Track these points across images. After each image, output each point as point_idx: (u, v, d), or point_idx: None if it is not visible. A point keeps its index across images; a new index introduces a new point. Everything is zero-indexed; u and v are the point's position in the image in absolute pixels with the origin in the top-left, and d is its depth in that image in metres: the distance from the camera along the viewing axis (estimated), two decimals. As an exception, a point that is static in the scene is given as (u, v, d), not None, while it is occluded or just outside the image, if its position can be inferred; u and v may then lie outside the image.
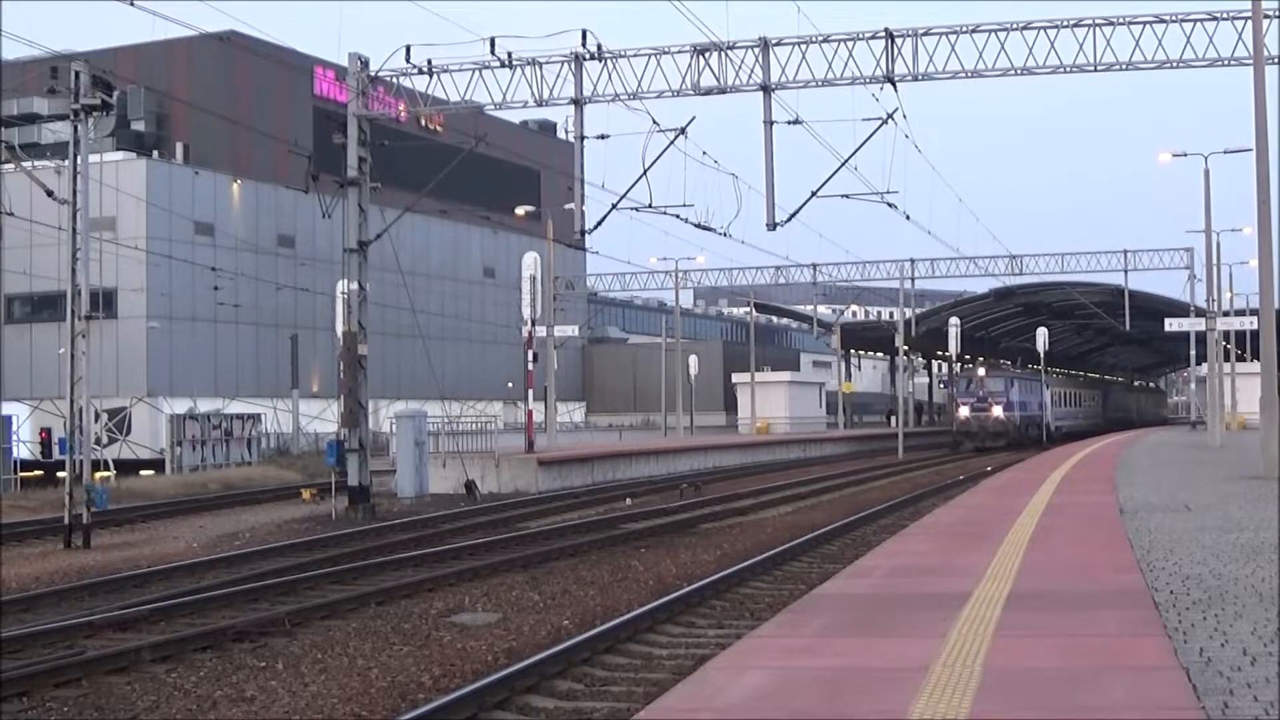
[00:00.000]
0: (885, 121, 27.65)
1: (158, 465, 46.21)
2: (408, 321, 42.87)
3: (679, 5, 24.61)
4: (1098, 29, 26.48)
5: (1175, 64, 26.38)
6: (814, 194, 28.81)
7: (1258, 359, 29.38)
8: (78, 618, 13.69)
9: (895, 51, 26.87)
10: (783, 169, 27.75)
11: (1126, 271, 67.84)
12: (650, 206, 28.60)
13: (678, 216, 29.32)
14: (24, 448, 44.63)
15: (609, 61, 27.39)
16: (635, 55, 27.65)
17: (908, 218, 34.73)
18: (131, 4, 22.07)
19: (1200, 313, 52.97)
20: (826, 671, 7.42)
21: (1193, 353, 61.02)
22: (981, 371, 63.53)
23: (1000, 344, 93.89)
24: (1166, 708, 6.29)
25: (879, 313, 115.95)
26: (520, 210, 57.95)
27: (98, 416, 42.91)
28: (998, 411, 59.84)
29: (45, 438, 47.64)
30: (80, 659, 11.52)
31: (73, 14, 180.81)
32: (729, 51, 27.39)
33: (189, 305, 56.24)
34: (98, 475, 28.29)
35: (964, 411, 60.78)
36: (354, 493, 27.08)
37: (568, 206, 31.30)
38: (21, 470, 38.50)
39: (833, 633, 8.68)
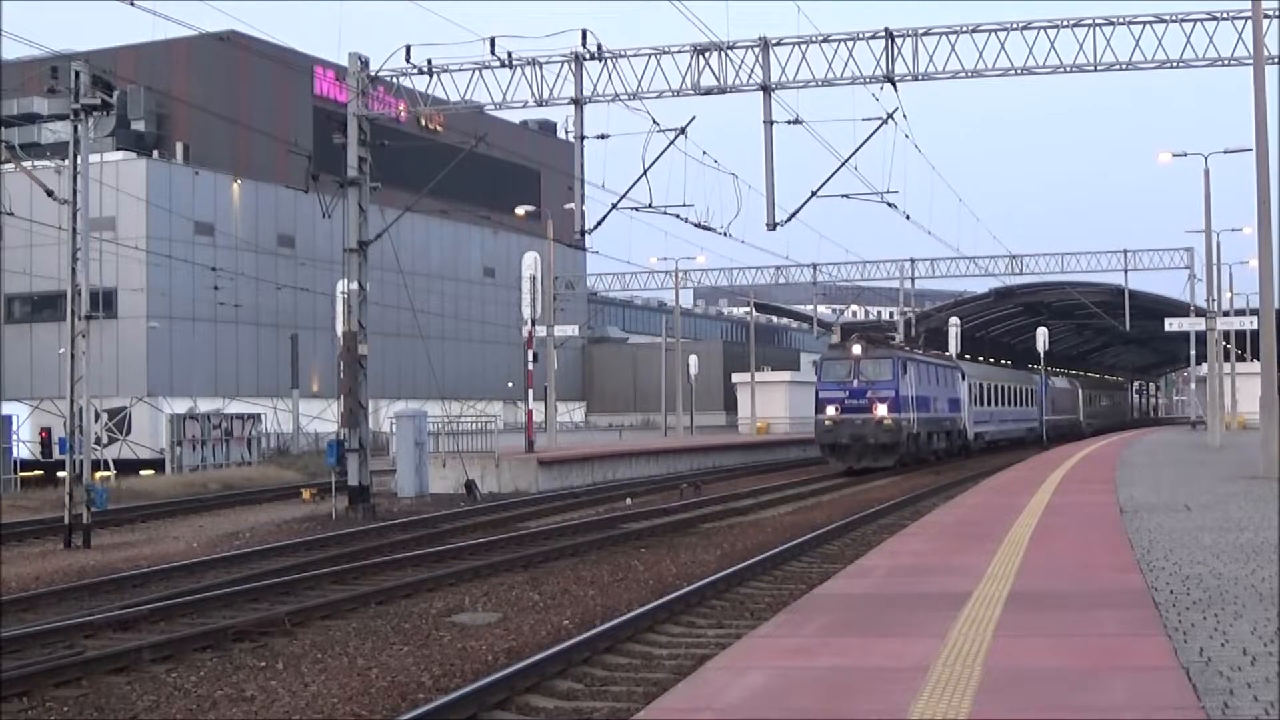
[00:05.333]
0: (885, 121, 27.66)
1: (158, 465, 46.22)
2: (408, 321, 42.88)
3: (679, 5, 24.62)
4: (1098, 29, 26.47)
5: (1175, 64, 26.37)
6: (814, 194, 28.81)
7: (1258, 359, 29.38)
8: (78, 618, 13.69)
9: (895, 51, 26.87)
10: (783, 169, 27.77)
11: (1126, 271, 67.98)
12: (650, 206, 28.59)
13: (678, 216, 29.32)
14: (24, 448, 44.65)
15: (609, 61, 27.39)
16: (635, 55, 27.64)
17: (908, 218, 34.72)
18: (132, 4, 22.07)
19: (1200, 312, 53.01)
20: (826, 671, 7.42)
21: (1193, 353, 61.07)
22: (857, 349, 40.59)
23: (1001, 343, 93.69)
24: (1166, 708, 6.29)
25: (879, 313, 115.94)
26: (520, 210, 57.95)
27: (98, 416, 42.90)
28: (882, 411, 39.34)
29: (45, 437, 47.67)
30: (80, 659, 11.51)
31: (73, 14, 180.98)
32: (729, 51, 27.38)
33: (189, 305, 56.25)
34: (98, 475, 28.30)
35: (830, 411, 39.79)
36: (354, 493, 27.08)
37: (568, 206, 31.29)
38: (21, 470, 38.51)
39: (833, 633, 8.68)
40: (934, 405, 44.48)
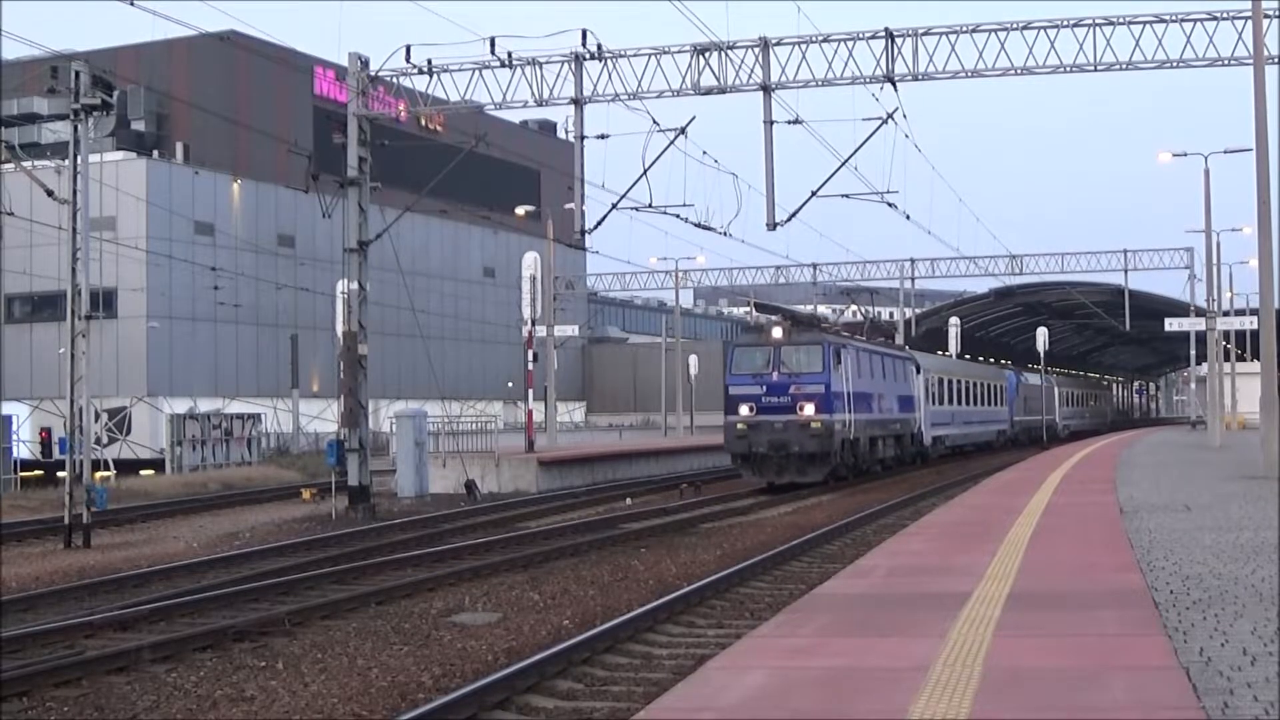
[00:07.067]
0: (885, 121, 27.66)
1: (158, 465, 46.23)
2: (408, 321, 42.91)
3: (679, 5, 24.63)
4: (1098, 29, 26.48)
5: (1175, 64, 26.38)
6: (814, 194, 28.81)
7: (1258, 359, 29.39)
8: (78, 618, 13.69)
9: (895, 51, 26.87)
10: (783, 169, 27.77)
11: (1126, 271, 67.97)
12: (650, 206, 28.59)
13: (678, 216, 29.32)
14: (24, 448, 44.68)
15: (609, 61, 27.39)
16: (635, 55, 27.64)
17: (908, 217, 34.72)
18: (131, 4, 22.07)
19: (1200, 312, 53.04)
20: (826, 671, 7.42)
21: (1193, 353, 61.12)
22: (778, 333, 32.61)
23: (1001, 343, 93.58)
24: (1166, 708, 6.29)
25: (879, 313, 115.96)
26: (520, 210, 58.01)
27: (98, 416, 42.92)
28: (808, 411, 31.48)
29: (45, 438, 47.68)
30: (80, 659, 11.51)
31: (73, 14, 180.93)
32: (729, 51, 27.38)
33: (189, 305, 56.29)
34: (98, 475, 28.30)
35: (743, 412, 31.95)
36: (354, 493, 27.09)
37: (568, 206, 31.29)
38: (21, 470, 38.54)
39: (833, 633, 8.68)
40: (879, 403, 36.69)
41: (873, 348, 37.70)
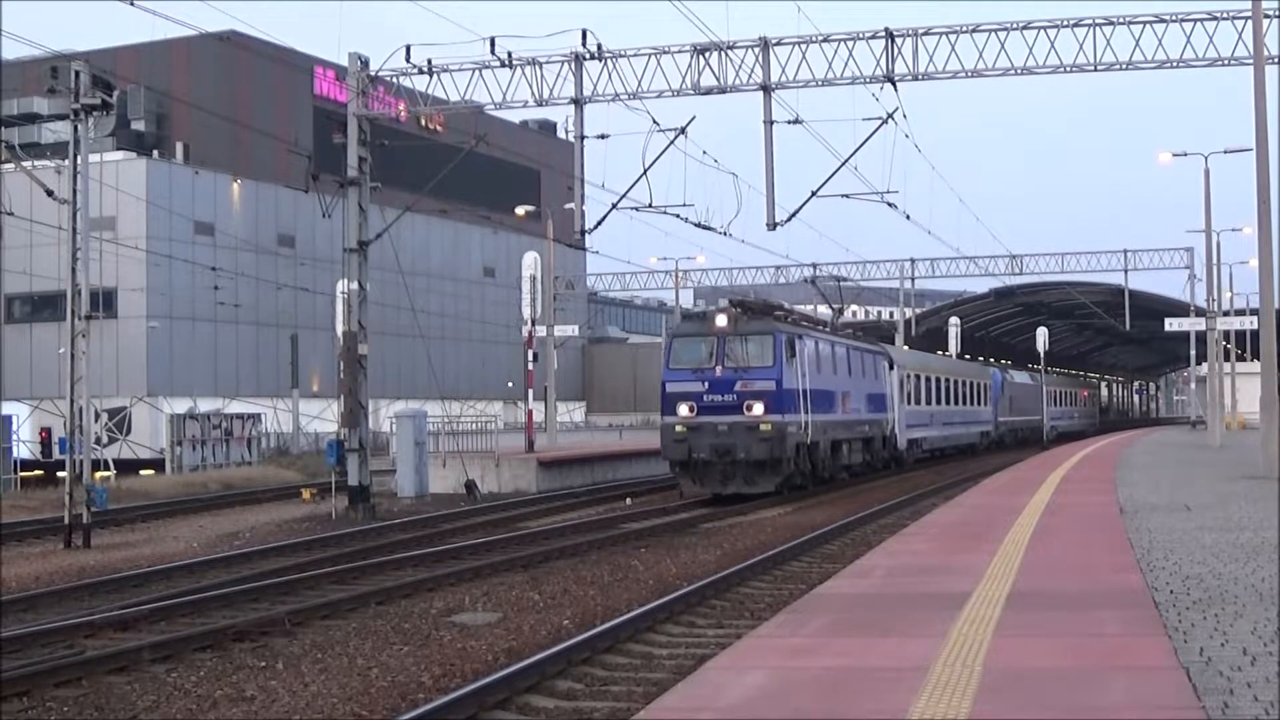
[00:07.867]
0: (885, 121, 27.64)
1: (158, 465, 46.22)
2: (408, 321, 42.88)
3: (679, 5, 24.62)
4: (1098, 29, 26.47)
5: (1175, 64, 26.38)
6: (814, 194, 28.78)
7: (1258, 359, 29.40)
8: (78, 618, 13.69)
9: (895, 51, 26.87)
10: (783, 168, 27.75)
11: (1126, 271, 67.92)
12: (650, 206, 28.57)
13: (678, 216, 29.28)
14: (24, 447, 44.66)
15: (609, 61, 27.39)
16: (635, 55, 27.64)
17: (908, 217, 34.69)
18: (131, 4, 22.07)
19: (1200, 312, 53.06)
20: (826, 671, 7.43)
21: (1193, 352, 61.11)
22: (722, 320, 28.43)
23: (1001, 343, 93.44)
24: (1166, 708, 6.29)
25: (879, 313, 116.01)
26: (520, 210, 57.98)
27: (98, 416, 42.92)
28: (757, 411, 27.49)
29: (45, 437, 47.68)
30: (80, 659, 11.52)
31: (73, 14, 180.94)
32: (729, 51, 27.38)
33: (189, 305, 56.27)
34: (98, 475, 28.30)
35: (682, 412, 27.84)
36: (354, 493, 27.09)
37: (568, 206, 31.29)
38: (21, 470, 38.54)
39: (833, 633, 8.68)
40: (843, 403, 32.75)
41: (836, 339, 33.63)
